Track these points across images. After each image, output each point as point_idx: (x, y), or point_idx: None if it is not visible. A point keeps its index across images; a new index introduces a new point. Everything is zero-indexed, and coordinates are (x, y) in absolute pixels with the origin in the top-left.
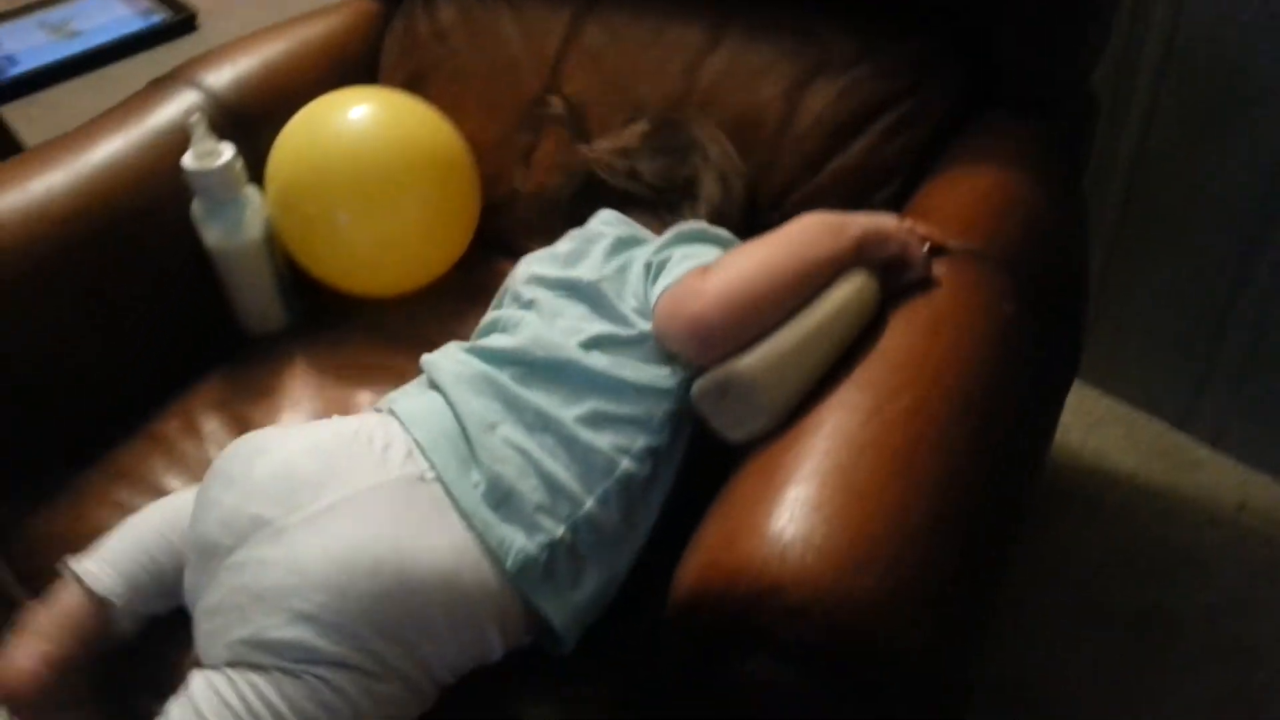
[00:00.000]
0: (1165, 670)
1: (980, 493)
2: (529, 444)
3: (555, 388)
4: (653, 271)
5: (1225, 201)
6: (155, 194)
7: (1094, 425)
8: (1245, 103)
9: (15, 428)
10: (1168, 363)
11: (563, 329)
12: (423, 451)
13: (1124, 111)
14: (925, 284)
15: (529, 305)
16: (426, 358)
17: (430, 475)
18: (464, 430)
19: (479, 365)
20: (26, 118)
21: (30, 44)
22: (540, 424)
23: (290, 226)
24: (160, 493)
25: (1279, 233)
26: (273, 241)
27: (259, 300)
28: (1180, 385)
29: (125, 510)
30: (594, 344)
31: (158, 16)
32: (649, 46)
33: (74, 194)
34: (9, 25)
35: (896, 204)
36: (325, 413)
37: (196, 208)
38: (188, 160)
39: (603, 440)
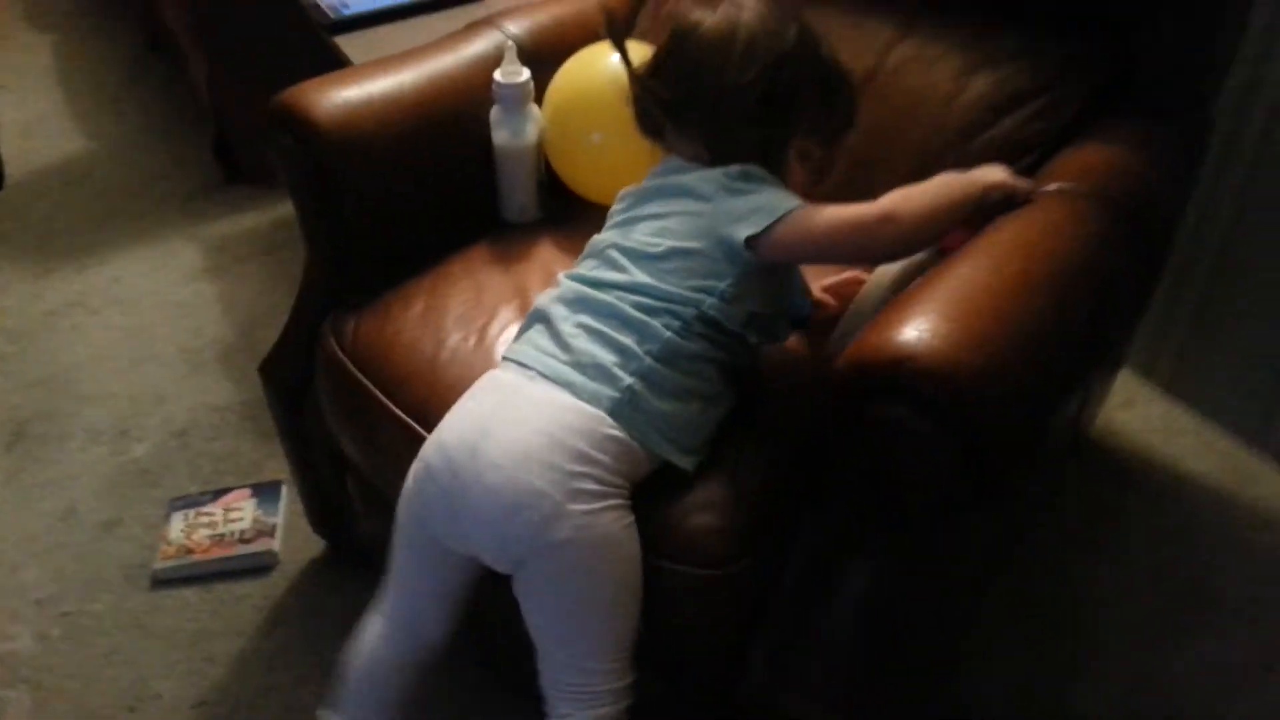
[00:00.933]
0: (1198, 626)
1: (1061, 328)
2: (601, 325)
3: (619, 291)
4: (742, 202)
5: None
6: (466, 99)
7: (1173, 434)
8: None
9: (355, 253)
10: (1247, 387)
11: (640, 241)
12: (525, 365)
13: (1238, 142)
14: (1043, 203)
15: (616, 226)
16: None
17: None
18: (555, 333)
19: (570, 285)
20: (354, 47)
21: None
22: (608, 311)
23: (556, 140)
24: (442, 307)
25: None
26: (540, 150)
27: (523, 193)
28: (1255, 409)
29: (418, 318)
30: (663, 256)
31: None
32: (852, 31)
33: (415, 90)
34: None
35: (1033, 171)
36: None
37: (494, 113)
38: (498, 75)
39: (654, 321)
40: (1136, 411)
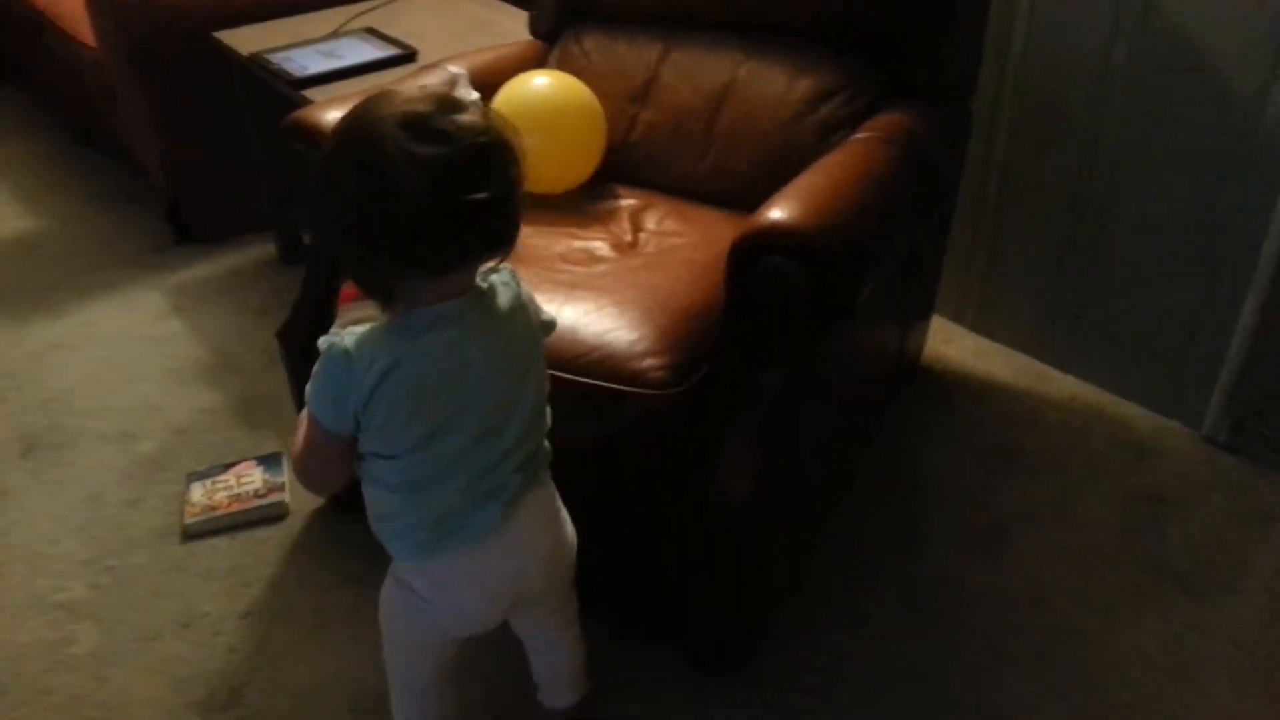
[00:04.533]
0: (1009, 470)
1: (868, 208)
2: None
3: None
4: None
5: (1055, 194)
6: None
7: (983, 357)
8: (1063, 126)
9: None
10: (1030, 317)
11: None
12: None
13: (989, 136)
14: (856, 143)
15: None
16: None
17: None
18: None
19: None
20: (318, 98)
21: (313, 62)
22: None
23: None
24: None
25: (1085, 223)
26: None
27: None
28: (1037, 331)
29: None
30: None
31: (394, 50)
32: (709, 57)
33: None
34: (299, 50)
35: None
36: None
37: None
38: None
39: None
40: (954, 346)
